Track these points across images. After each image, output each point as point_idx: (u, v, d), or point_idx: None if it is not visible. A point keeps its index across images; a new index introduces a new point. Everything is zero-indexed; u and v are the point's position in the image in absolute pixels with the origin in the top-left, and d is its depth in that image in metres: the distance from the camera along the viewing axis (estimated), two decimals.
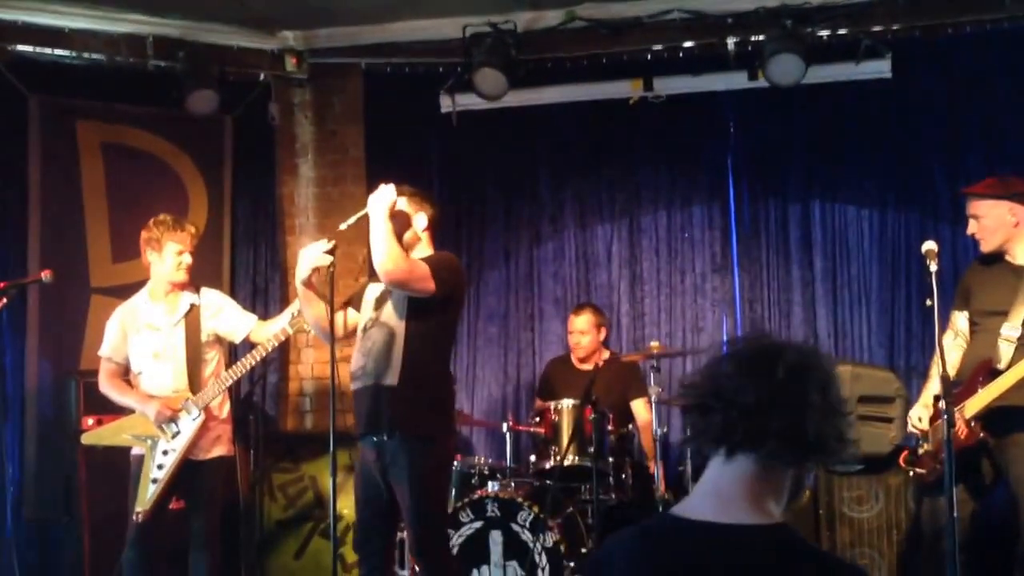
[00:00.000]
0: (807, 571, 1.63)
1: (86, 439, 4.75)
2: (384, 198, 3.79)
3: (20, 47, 5.58)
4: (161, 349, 4.53)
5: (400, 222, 3.89)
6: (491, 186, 6.37)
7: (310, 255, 3.87)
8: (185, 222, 4.66)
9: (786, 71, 5.36)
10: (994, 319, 3.98)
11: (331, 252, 3.85)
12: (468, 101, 5.90)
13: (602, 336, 5.70)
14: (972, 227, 4.13)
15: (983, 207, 4.08)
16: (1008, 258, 4.08)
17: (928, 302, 3.74)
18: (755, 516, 1.65)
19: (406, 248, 3.91)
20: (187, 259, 4.56)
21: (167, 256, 4.52)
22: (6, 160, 5.62)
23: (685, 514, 1.69)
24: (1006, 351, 3.89)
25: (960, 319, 4.19)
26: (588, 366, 5.61)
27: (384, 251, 3.73)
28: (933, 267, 3.74)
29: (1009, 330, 3.90)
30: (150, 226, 4.56)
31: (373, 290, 3.99)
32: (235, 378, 4.58)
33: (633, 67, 5.87)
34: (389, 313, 3.88)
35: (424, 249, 4.01)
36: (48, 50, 5.66)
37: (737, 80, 5.76)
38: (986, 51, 5.64)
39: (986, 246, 4.11)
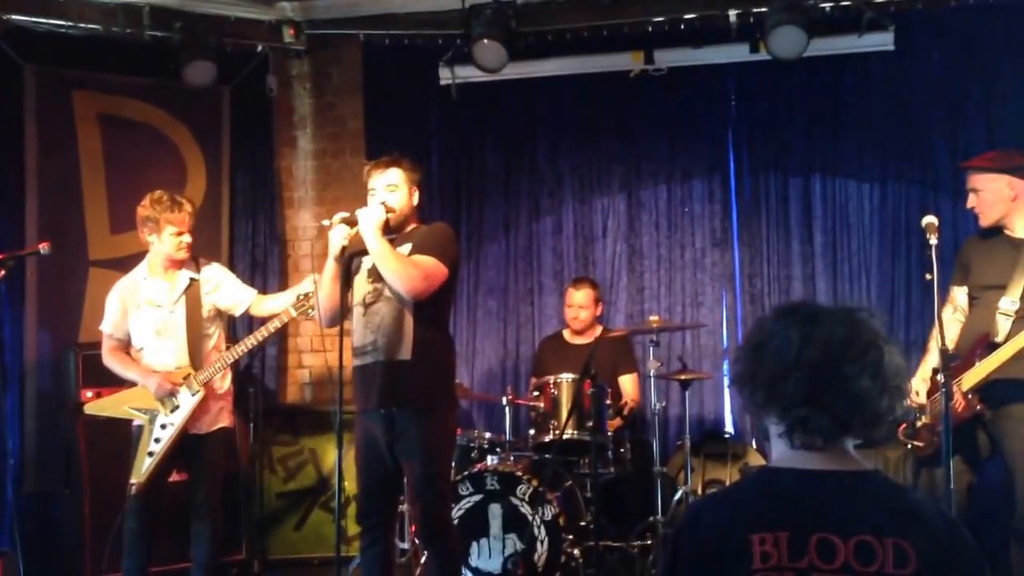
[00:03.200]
0: (905, 503, 1.80)
1: (88, 409, 4.75)
2: (375, 216, 3.79)
3: (16, 17, 5.52)
4: (162, 326, 4.51)
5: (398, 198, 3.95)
6: (491, 159, 6.35)
7: (340, 233, 3.83)
8: (182, 200, 4.54)
9: (788, 43, 5.31)
10: (993, 293, 3.98)
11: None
12: (467, 73, 5.86)
13: (599, 311, 5.71)
14: (971, 201, 4.14)
15: (982, 181, 4.09)
16: (1007, 232, 4.09)
17: (928, 276, 3.75)
18: (857, 465, 1.83)
19: (403, 222, 3.94)
20: (186, 239, 4.50)
21: (166, 237, 4.47)
22: (2, 131, 5.60)
23: (797, 466, 1.83)
24: (1004, 324, 3.90)
25: (959, 294, 4.20)
26: (582, 340, 5.62)
27: (397, 271, 3.75)
28: (933, 241, 3.75)
29: (1007, 304, 3.91)
30: (146, 204, 4.47)
31: (364, 263, 3.97)
32: (236, 357, 4.57)
33: (634, 39, 5.83)
34: (389, 289, 3.87)
35: (413, 221, 4.06)
36: (44, 20, 5.60)
37: (738, 52, 5.72)
38: (989, 24, 5.61)
39: (985, 220, 4.12)
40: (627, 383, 5.58)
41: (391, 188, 3.95)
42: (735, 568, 1.73)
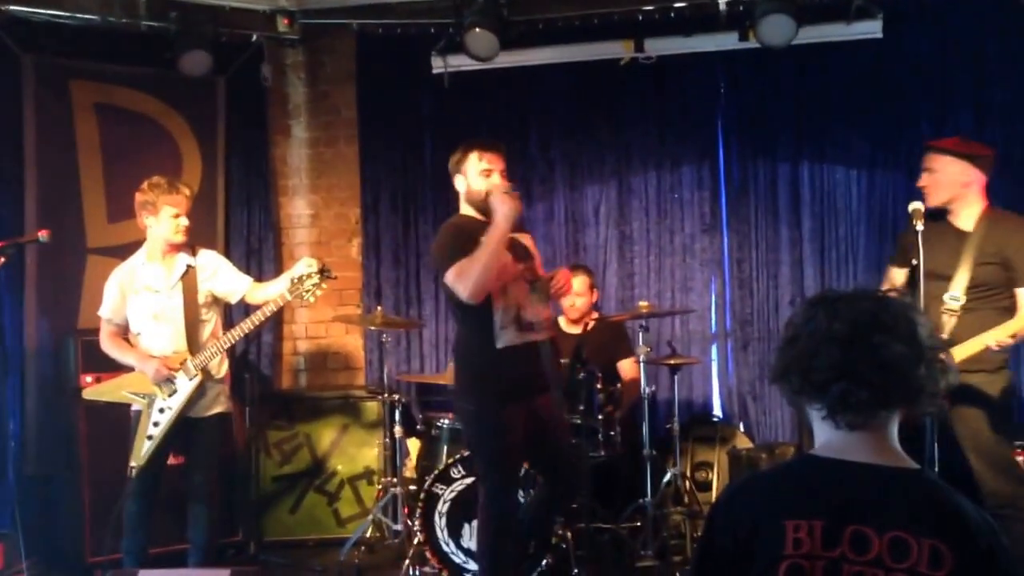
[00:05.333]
0: (948, 504, 1.75)
1: (87, 394, 4.81)
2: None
3: (13, 7, 5.56)
4: (160, 311, 4.57)
5: None
6: None
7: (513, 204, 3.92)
8: (179, 184, 4.62)
9: (777, 32, 5.36)
10: (936, 284, 3.94)
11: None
12: (460, 62, 5.91)
13: (594, 299, 5.76)
14: (924, 179, 4.14)
15: (941, 162, 4.11)
16: (951, 219, 4.10)
17: (914, 261, 3.80)
18: (902, 462, 1.81)
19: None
20: (184, 221, 4.56)
21: (164, 220, 4.53)
22: (1, 120, 5.63)
23: (838, 456, 1.80)
24: (948, 321, 3.93)
25: (899, 275, 4.20)
26: (576, 329, 5.66)
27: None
28: (920, 227, 3.78)
29: (950, 299, 3.94)
30: (144, 189, 4.55)
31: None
32: (232, 341, 4.62)
33: (624, 28, 5.87)
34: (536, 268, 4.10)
35: None
36: (41, 10, 5.65)
37: (728, 41, 5.77)
38: (976, 12, 5.65)
39: (932, 200, 4.09)
40: (627, 366, 5.62)
41: (504, 177, 4.14)
42: (767, 552, 1.72)
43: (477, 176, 4.09)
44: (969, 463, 3.96)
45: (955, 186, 4.05)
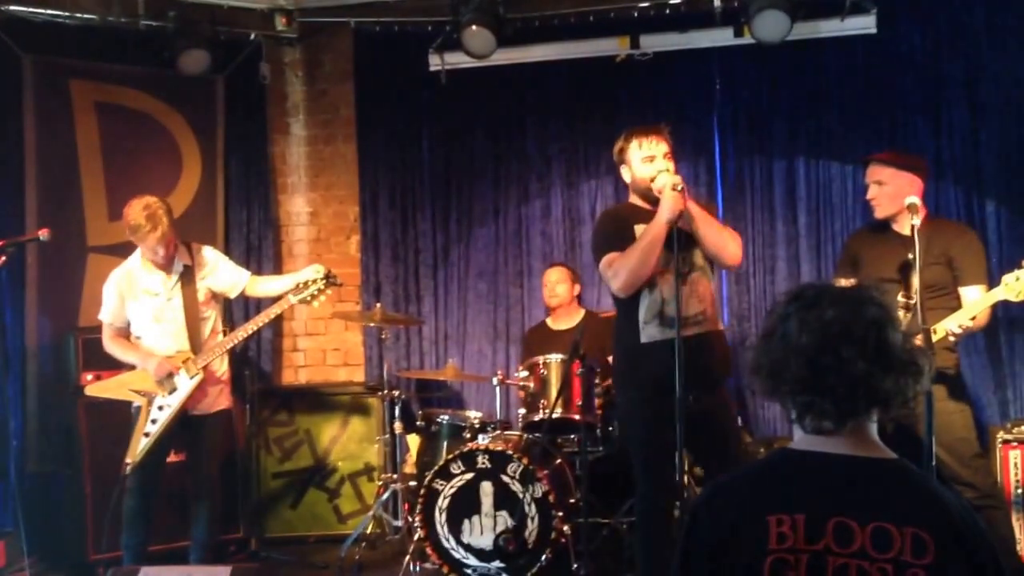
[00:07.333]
0: (926, 493, 1.77)
1: (90, 391, 4.83)
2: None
3: (13, 7, 5.60)
4: (160, 313, 4.61)
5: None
6: (480, 144, 6.40)
7: (678, 199, 3.73)
8: (158, 219, 4.46)
9: (772, 28, 5.37)
10: (888, 288, 4.06)
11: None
12: (457, 60, 5.94)
13: (576, 290, 5.79)
14: (872, 192, 4.27)
15: (889, 175, 4.23)
16: (895, 227, 4.24)
17: (910, 255, 3.85)
18: (879, 452, 1.82)
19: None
20: (161, 251, 4.53)
21: (148, 248, 4.54)
22: (2, 119, 5.67)
23: (815, 449, 1.81)
24: (903, 317, 4.00)
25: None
26: (565, 326, 5.69)
27: (723, 239, 3.89)
28: (916, 221, 3.83)
29: (903, 298, 4.03)
30: (129, 222, 4.49)
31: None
32: (235, 343, 4.67)
33: (620, 24, 5.90)
34: (699, 258, 3.90)
35: None
36: (41, 10, 5.68)
37: (723, 37, 5.79)
38: (970, 6, 5.66)
39: (881, 212, 4.26)
40: None
41: (669, 158, 4.00)
42: (750, 548, 1.72)
43: (641, 164, 3.97)
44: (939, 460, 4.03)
45: (904, 198, 4.13)
